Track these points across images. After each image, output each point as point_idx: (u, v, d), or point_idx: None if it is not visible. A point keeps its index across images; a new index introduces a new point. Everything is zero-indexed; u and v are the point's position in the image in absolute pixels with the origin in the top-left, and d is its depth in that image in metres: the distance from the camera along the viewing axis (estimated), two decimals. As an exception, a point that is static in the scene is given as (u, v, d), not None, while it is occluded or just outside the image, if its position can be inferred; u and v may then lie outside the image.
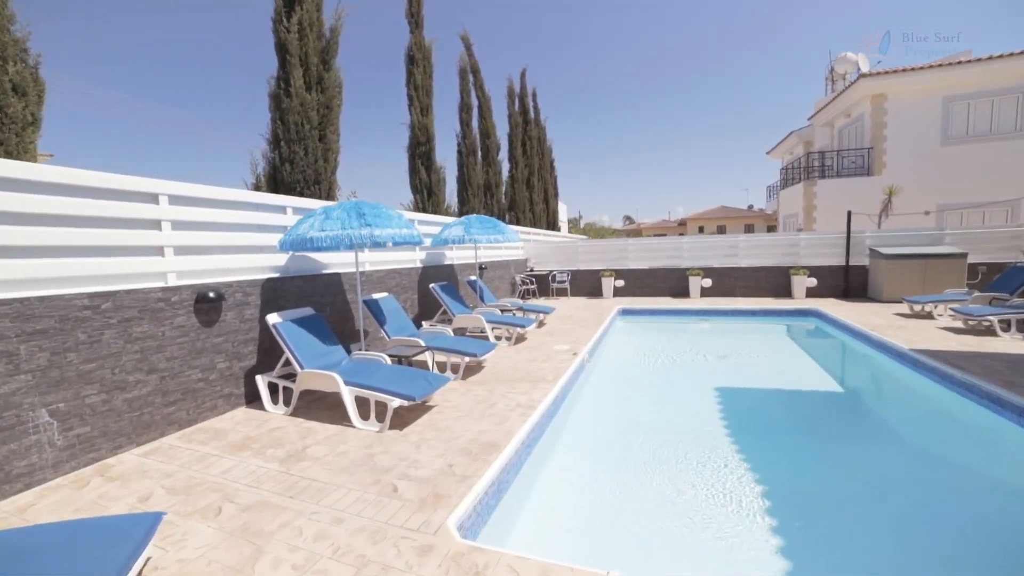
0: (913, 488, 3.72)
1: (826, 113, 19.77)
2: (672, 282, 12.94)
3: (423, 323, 8.08)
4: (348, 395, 4.33)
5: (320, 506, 2.93)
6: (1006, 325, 7.08)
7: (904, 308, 9.63)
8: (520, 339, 7.91)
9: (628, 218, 77.78)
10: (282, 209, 5.74)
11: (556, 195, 24.99)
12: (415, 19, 12.10)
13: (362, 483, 3.21)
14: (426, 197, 11.96)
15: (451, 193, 13.95)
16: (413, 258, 8.52)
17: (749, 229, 48.18)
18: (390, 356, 5.47)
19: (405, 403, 4.08)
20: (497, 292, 12.14)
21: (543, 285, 14.05)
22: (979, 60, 14.93)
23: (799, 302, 11.13)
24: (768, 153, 28.38)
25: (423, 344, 5.78)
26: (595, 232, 33.70)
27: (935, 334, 7.21)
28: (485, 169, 16.22)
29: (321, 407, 4.79)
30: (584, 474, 4.08)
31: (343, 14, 7.75)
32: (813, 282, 11.71)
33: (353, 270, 6.83)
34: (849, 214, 12.14)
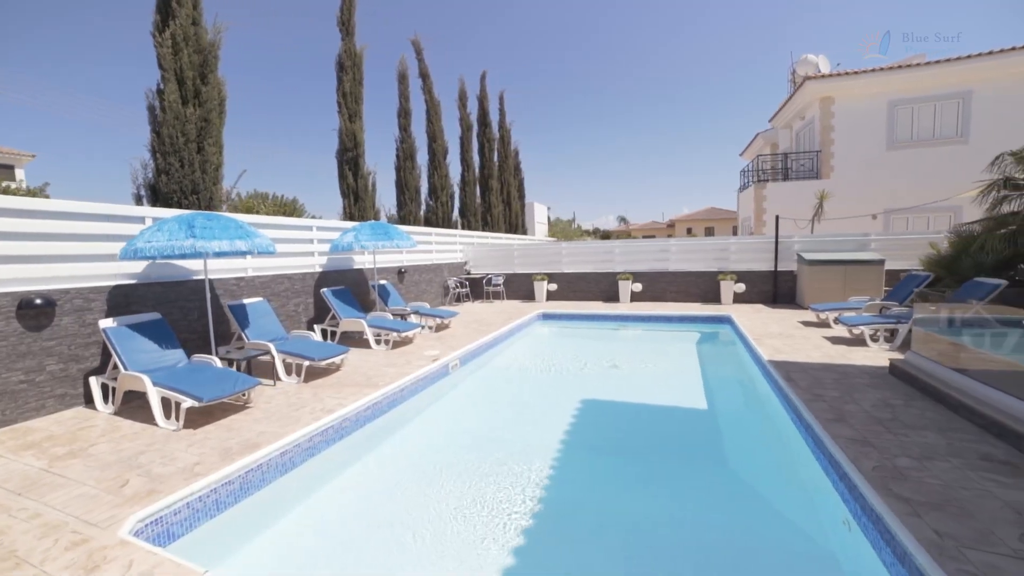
0: (710, 518, 3.56)
1: (783, 115, 19.83)
2: (604, 286, 13.06)
3: (315, 326, 8.28)
4: (155, 395, 4.53)
5: (39, 502, 3.11)
6: (889, 335, 7.14)
7: (814, 315, 9.67)
8: (400, 343, 8.08)
9: (622, 219, 77.74)
10: (140, 219, 5.93)
11: (522, 197, 25.14)
12: (346, 27, 12.33)
13: (102, 479, 3.39)
14: (353, 202, 12.15)
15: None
16: (311, 263, 8.71)
17: (736, 231, 48.02)
18: (235, 360, 5.67)
19: (196, 403, 4.26)
20: (424, 296, 12.32)
21: (478, 288, 14.19)
22: (920, 65, 14.94)
23: (717, 308, 11.21)
24: (740, 155, 28.38)
25: (272, 349, 5.97)
26: (562, 233, 33.66)
27: (815, 343, 7.27)
28: (432, 173, 16.40)
29: (146, 407, 4.98)
30: (368, 483, 4.22)
31: (222, 29, 7.99)
32: (742, 287, 11.79)
33: (231, 276, 7.04)
34: (777, 219, 12.20)
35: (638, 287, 12.49)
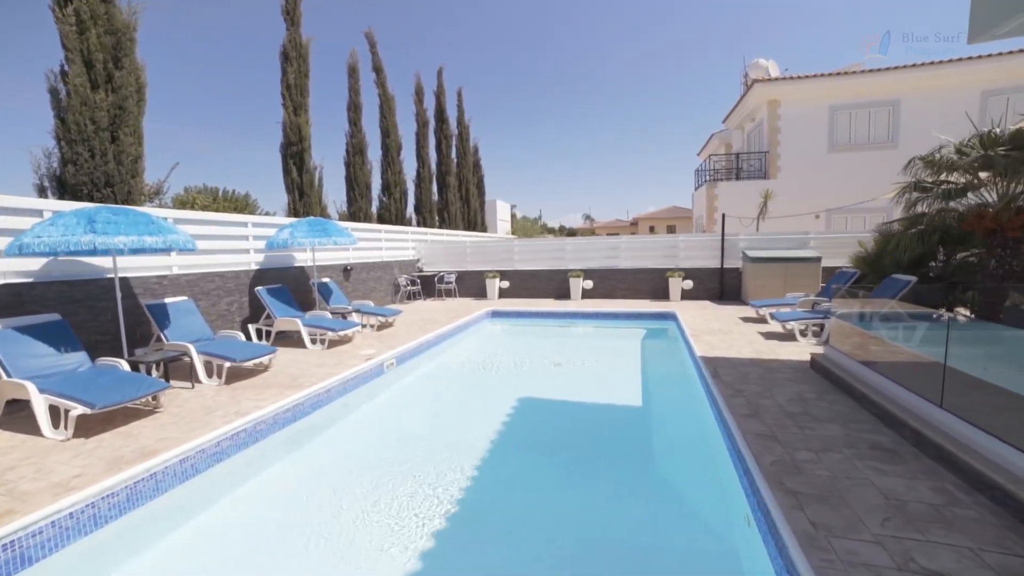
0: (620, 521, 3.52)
1: (736, 117, 20.39)
2: (556, 283, 13.09)
3: (249, 326, 7.95)
4: (41, 403, 4.19)
5: None
6: (819, 329, 7.38)
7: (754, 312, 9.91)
8: (337, 343, 7.86)
9: (588, 217, 78.60)
10: (37, 212, 5.51)
11: (481, 195, 24.99)
12: (291, 16, 11.90)
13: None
14: (298, 197, 11.76)
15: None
16: (247, 261, 8.36)
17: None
18: (147, 363, 5.35)
19: (87, 410, 3.97)
20: (372, 294, 12.05)
21: (430, 286, 14.01)
22: (856, 73, 15.62)
23: (664, 305, 11.40)
24: (698, 155, 29.08)
25: (192, 350, 5.67)
26: (522, 231, 33.75)
27: (750, 339, 7.45)
28: (385, 169, 16.08)
29: (33, 416, 4.62)
30: (281, 488, 4.04)
31: (138, 10, 7.51)
32: (689, 284, 12.02)
33: (152, 274, 6.66)
34: (723, 217, 12.51)
35: (589, 284, 12.58)
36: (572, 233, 64.20)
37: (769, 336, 7.58)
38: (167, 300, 6.39)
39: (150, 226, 5.06)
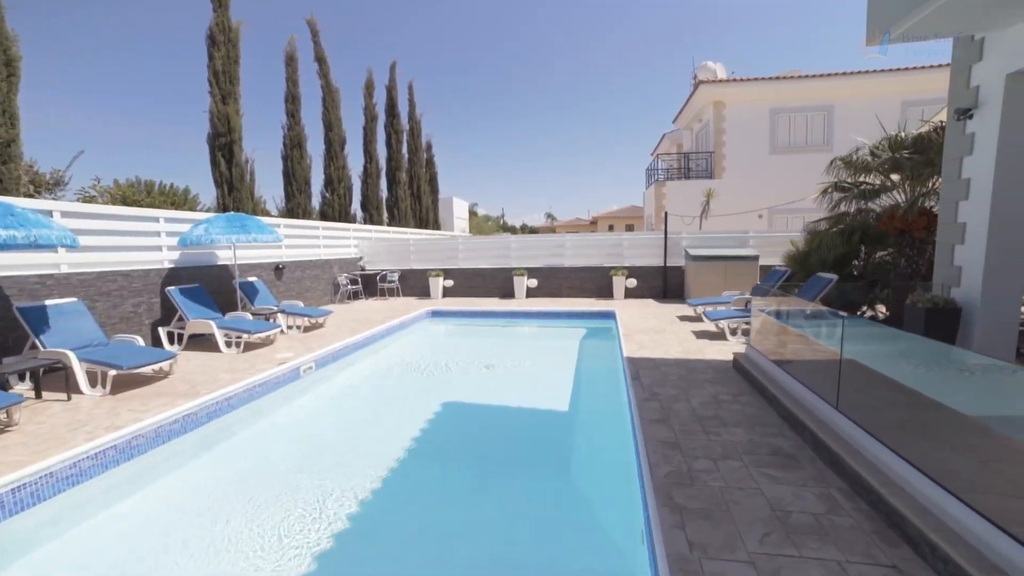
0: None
1: (685, 117, 20.74)
2: (500, 282, 12.88)
3: (160, 329, 7.35)
4: None
5: None
6: (748, 327, 7.41)
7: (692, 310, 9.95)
8: (256, 345, 7.39)
9: (550, 215, 78.95)
10: None
11: (434, 191, 24.52)
12: (217, -4, 11.15)
13: None
14: (227, 192, 11.06)
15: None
16: (159, 259, 7.74)
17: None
18: (4, 374, 4.78)
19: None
20: (308, 294, 11.50)
21: (372, 285, 13.54)
22: (793, 78, 16.13)
23: (607, 304, 11.37)
24: (652, 154, 29.53)
25: (72, 357, 5.12)
26: (477, 228, 33.51)
27: (682, 338, 7.43)
28: (328, 163, 15.44)
29: None
30: (155, 507, 3.63)
31: None
32: (633, 283, 12.04)
33: (31, 272, 6.01)
34: (665, 215, 12.61)
35: (534, 283, 12.43)
36: (534, 231, 64.29)
37: (701, 335, 7.60)
38: (48, 302, 5.76)
39: (7, 219, 4.50)
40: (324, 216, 15.85)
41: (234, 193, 11.11)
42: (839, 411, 3.39)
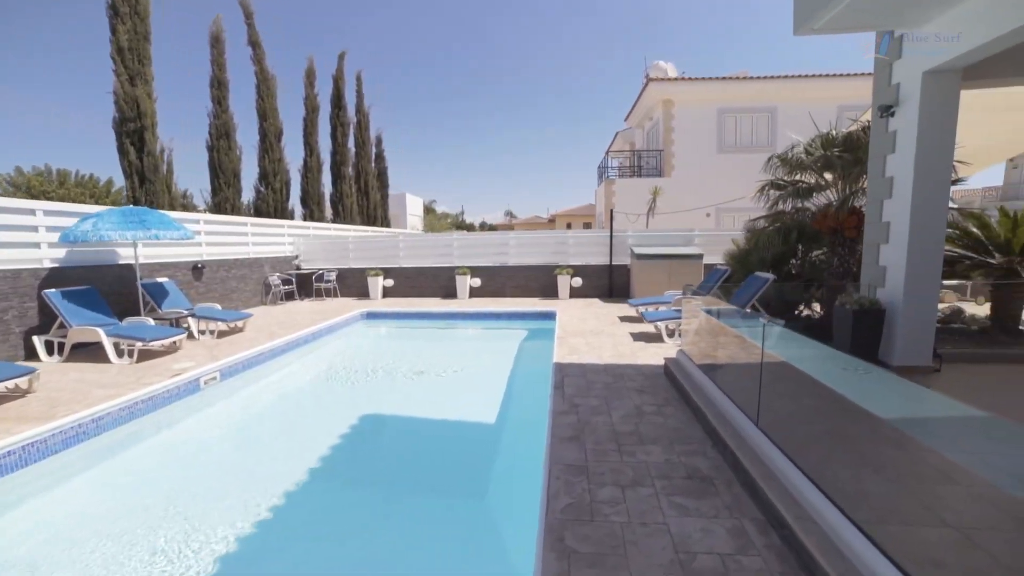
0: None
1: (636, 115, 20.75)
2: (443, 281, 12.36)
3: (35, 338, 6.46)
4: None
5: None
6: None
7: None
8: (157, 353, 6.64)
9: (509, 213, 78.64)
10: None
11: (384, 187, 23.67)
12: (120, -36, 10.05)
13: None
14: (138, 183, 10.04)
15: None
16: (36, 256, 6.82)
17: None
18: None
19: None
20: (235, 295, 10.64)
21: (309, 285, 12.75)
22: (739, 79, 16.32)
23: (550, 304, 11.06)
24: (606, 152, 29.57)
25: None
26: (430, 226, 32.76)
27: (618, 340, 7.15)
28: (263, 155, 14.47)
29: None
30: None
31: None
32: (578, 282, 11.77)
33: None
34: (611, 213, 12.43)
35: (477, 282, 11.98)
36: (492, 229, 63.80)
37: (639, 337, 7.35)
38: None
39: None
40: (259, 212, 14.83)
41: (147, 185, 10.08)
42: (759, 427, 3.10)
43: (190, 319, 7.86)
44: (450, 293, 12.29)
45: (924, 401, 3.32)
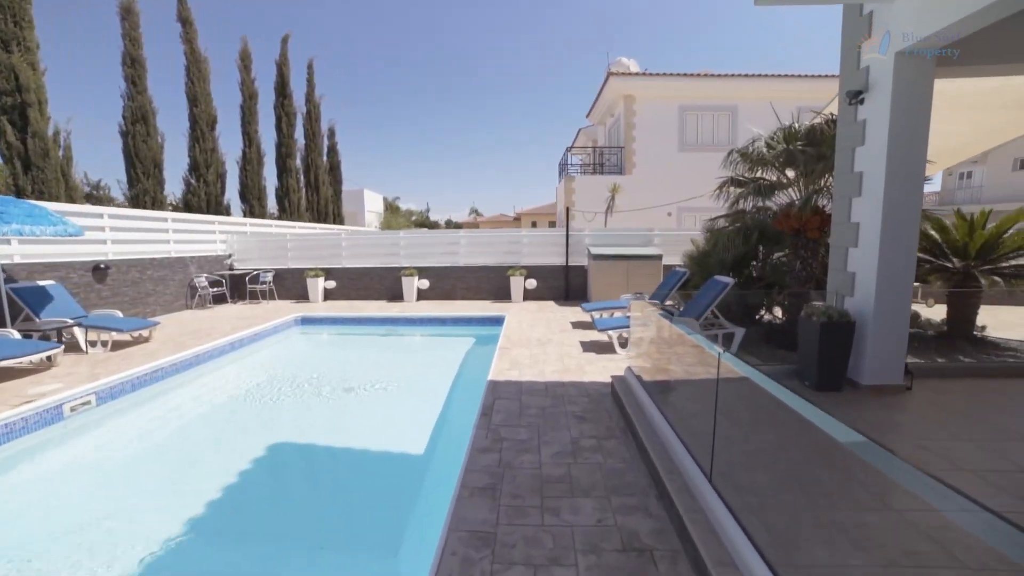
0: None
1: (597, 111, 20.27)
2: (389, 283, 11.47)
3: None
4: None
5: None
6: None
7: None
8: (20, 373, 5.56)
9: (475, 211, 77.57)
10: None
11: (337, 182, 22.44)
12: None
13: None
14: (21, 170, 8.73)
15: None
16: None
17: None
18: None
19: None
20: (150, 299, 9.47)
21: (242, 287, 11.63)
22: (700, 76, 16.00)
23: (502, 308, 10.35)
24: (569, 150, 29.06)
25: None
26: (387, 224, 31.56)
27: (566, 351, 6.48)
28: (193, 145, 13.20)
29: None
30: None
31: None
32: (533, 284, 11.08)
33: None
34: (567, 210, 11.81)
35: (425, 284, 11.14)
36: (458, 227, 62.68)
37: (589, 347, 6.70)
38: None
39: None
40: (189, 207, 13.50)
41: (33, 172, 8.77)
42: (712, 485, 2.44)
43: (76, 329, 6.76)
44: (396, 295, 11.40)
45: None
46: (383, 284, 11.48)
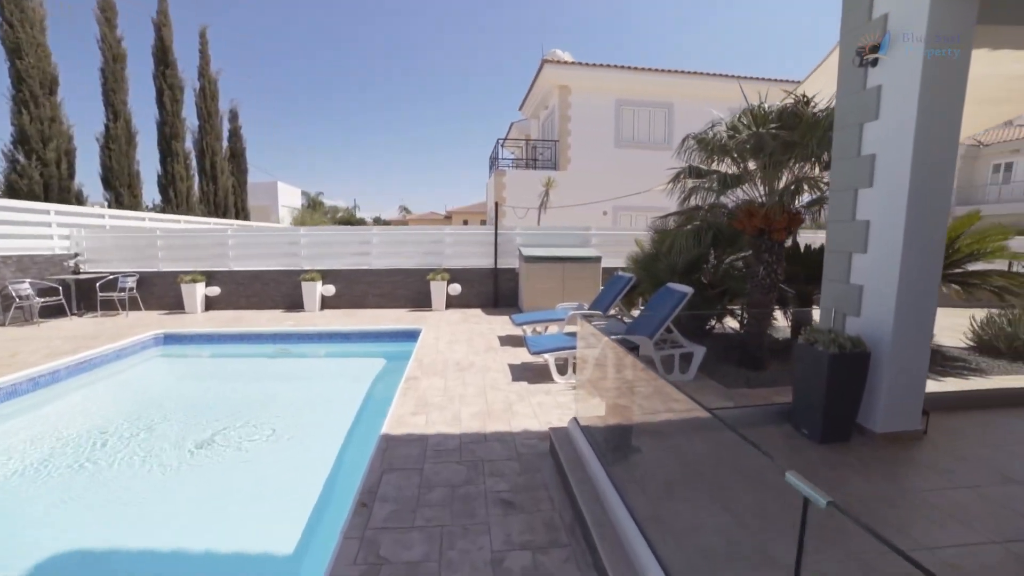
0: None
1: (530, 103, 19.21)
2: (287, 289, 9.57)
3: None
4: None
5: None
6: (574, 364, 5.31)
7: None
8: None
9: (404, 208, 74.43)
10: None
11: (241, 171, 19.74)
12: None
13: None
14: None
15: None
16: None
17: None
18: None
19: None
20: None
21: (91, 295, 9.25)
22: (635, 69, 15.33)
23: (419, 318, 8.86)
24: (503, 145, 27.86)
25: None
26: (300, 220, 28.87)
27: (490, 381, 5.12)
28: (19, 110, 10.50)
29: None
30: None
31: None
32: (457, 289, 9.64)
33: None
34: (496, 206, 10.55)
35: (330, 290, 9.37)
36: (387, 225, 59.71)
37: (521, 373, 5.38)
38: None
39: None
40: (14, 191, 10.71)
41: None
42: None
43: None
44: (296, 304, 9.53)
45: None
46: (280, 290, 9.56)
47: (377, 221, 64.94)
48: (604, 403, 3.12)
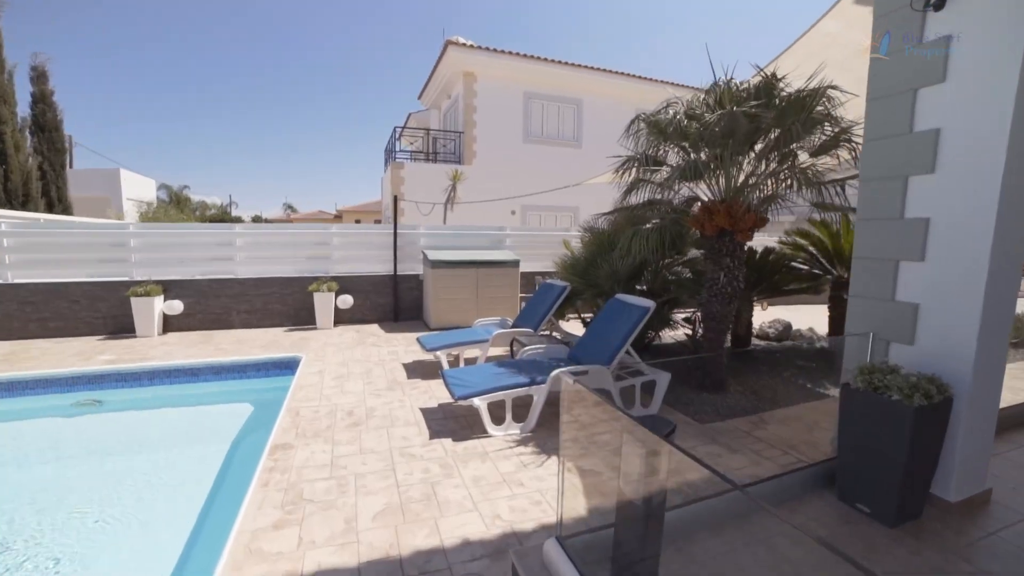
0: None
1: (431, 91, 17.64)
2: (111, 307, 7.08)
3: None
4: None
5: None
6: (524, 411, 3.98)
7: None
8: None
9: (289, 207, 67.77)
10: None
11: (56, 151, 15.67)
12: None
13: None
14: None
15: None
16: None
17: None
18: None
19: None
20: None
21: None
22: (544, 60, 14.54)
23: (304, 338, 7.04)
24: (399, 137, 25.78)
25: None
26: (154, 215, 24.29)
27: (398, 441, 3.67)
28: None
29: None
30: None
31: None
32: (349, 301, 7.88)
33: None
34: (395, 200, 8.95)
35: (177, 307, 7.10)
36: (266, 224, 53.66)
37: (441, 426, 3.96)
38: None
39: None
40: None
41: None
42: None
43: None
44: (124, 327, 7.09)
45: None
46: (100, 308, 7.01)
47: (256, 220, 58.12)
48: (595, 501, 1.89)
